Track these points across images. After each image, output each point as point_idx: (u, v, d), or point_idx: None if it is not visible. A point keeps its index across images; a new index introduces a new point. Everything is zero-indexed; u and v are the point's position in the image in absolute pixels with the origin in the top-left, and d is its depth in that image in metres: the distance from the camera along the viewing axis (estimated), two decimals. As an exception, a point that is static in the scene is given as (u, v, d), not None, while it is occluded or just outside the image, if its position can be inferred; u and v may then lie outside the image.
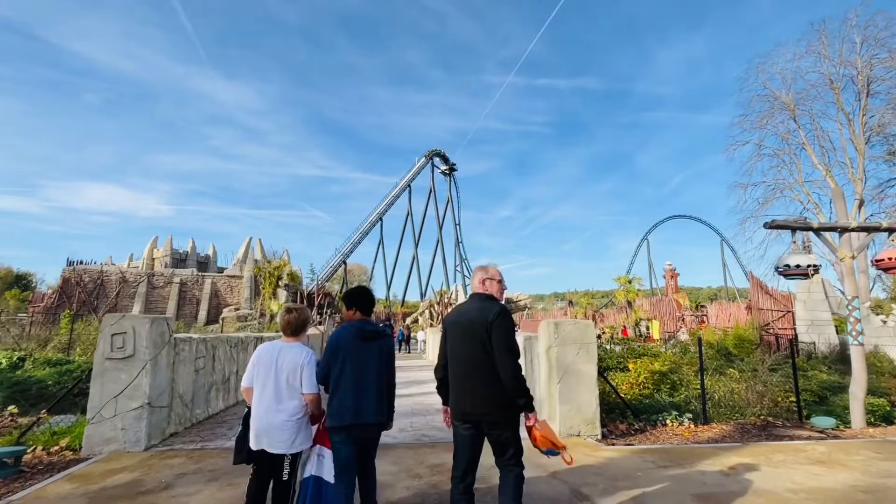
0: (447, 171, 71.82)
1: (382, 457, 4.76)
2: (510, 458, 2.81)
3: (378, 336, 3.13)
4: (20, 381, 8.45)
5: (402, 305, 64.63)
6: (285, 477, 2.98)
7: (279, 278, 26.08)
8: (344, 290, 56.90)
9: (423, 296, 61.65)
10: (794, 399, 8.05)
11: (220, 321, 28.75)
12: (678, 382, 9.38)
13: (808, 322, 23.04)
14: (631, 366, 10.67)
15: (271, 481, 3.05)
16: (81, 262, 31.85)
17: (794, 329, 24.97)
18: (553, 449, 2.78)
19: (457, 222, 71.38)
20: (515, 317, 38.82)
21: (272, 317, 27.19)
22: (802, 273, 7.07)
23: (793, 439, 6.29)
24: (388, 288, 65.76)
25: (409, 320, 46.88)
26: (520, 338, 7.51)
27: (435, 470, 4.68)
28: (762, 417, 7.53)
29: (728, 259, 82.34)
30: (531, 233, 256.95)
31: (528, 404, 2.74)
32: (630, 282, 32.27)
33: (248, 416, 3.05)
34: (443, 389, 3.08)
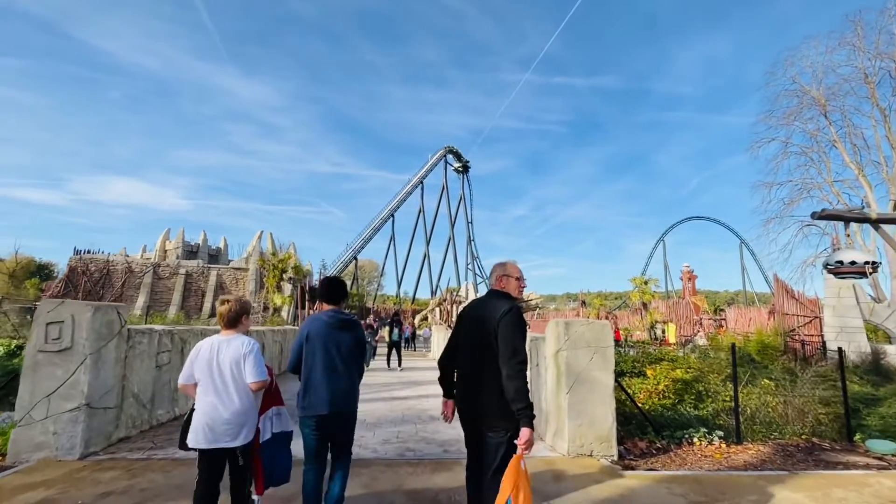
0: (460, 169, 71.00)
1: (354, 476, 3.93)
2: (496, 470, 2.49)
3: (350, 325, 3.16)
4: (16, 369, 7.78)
5: (413, 302, 64.16)
6: (241, 462, 2.94)
7: (283, 271, 25.49)
8: (353, 287, 58.00)
9: (433, 293, 61.03)
10: (831, 413, 7.04)
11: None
12: (704, 392, 8.38)
13: (838, 329, 21.67)
14: (649, 372, 9.69)
15: (220, 477, 2.93)
16: (89, 252, 31.70)
17: (822, 336, 23.62)
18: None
19: (469, 220, 70.53)
20: (526, 316, 37.77)
21: (276, 310, 26.69)
22: (858, 271, 6.05)
23: (848, 467, 5.29)
24: (399, 285, 65.42)
25: (417, 318, 46.16)
26: (528, 340, 6.62)
27: (413, 499, 3.80)
28: (805, 438, 6.51)
29: (747, 262, 79.96)
30: (545, 232, 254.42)
31: (525, 415, 2.43)
32: (646, 283, 31.01)
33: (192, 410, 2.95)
34: (444, 380, 2.96)
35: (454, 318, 32.64)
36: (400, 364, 14.08)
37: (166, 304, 30.79)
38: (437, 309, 41.78)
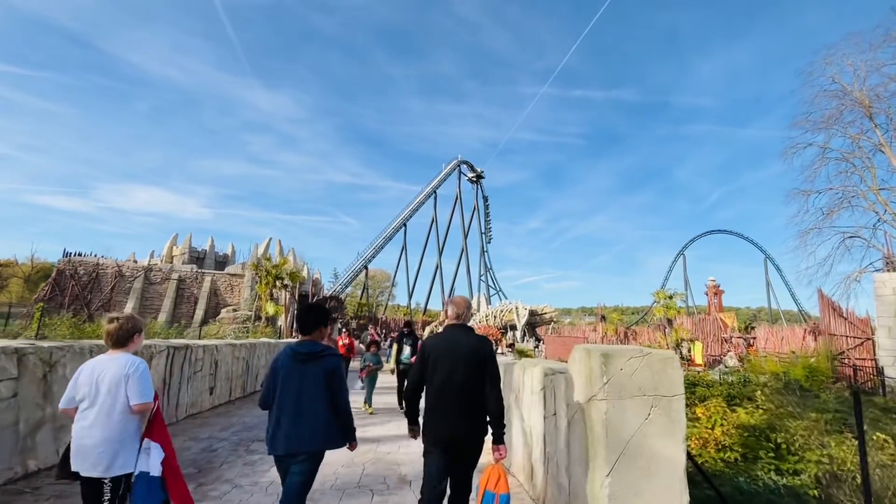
0: (474, 179, 69.51)
1: None
2: (466, 489, 3.09)
3: (316, 357, 3.01)
4: None
5: (424, 313, 62.37)
6: (105, 498, 2.63)
7: (277, 277, 23.70)
8: (363, 296, 56.61)
9: (445, 306, 58.76)
10: None
11: (217, 322, 26.67)
12: (784, 445, 6.13)
13: (895, 353, 19.09)
14: (699, 411, 7.44)
15: None
16: (79, 254, 30.40)
17: (875, 360, 20.94)
18: (506, 497, 2.94)
19: (483, 231, 68.79)
20: (539, 331, 35.44)
21: (269, 320, 24.84)
22: None
23: None
24: (410, 296, 63.79)
25: (427, 329, 44.08)
26: (537, 372, 4.53)
27: None
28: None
29: (772, 278, 76.41)
30: (560, 245, 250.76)
31: (503, 433, 3.05)
32: (671, 297, 28.50)
33: None
34: (413, 408, 3.26)
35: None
36: None
37: (157, 311, 29.24)
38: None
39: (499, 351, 24.18)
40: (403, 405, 7.78)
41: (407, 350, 9.06)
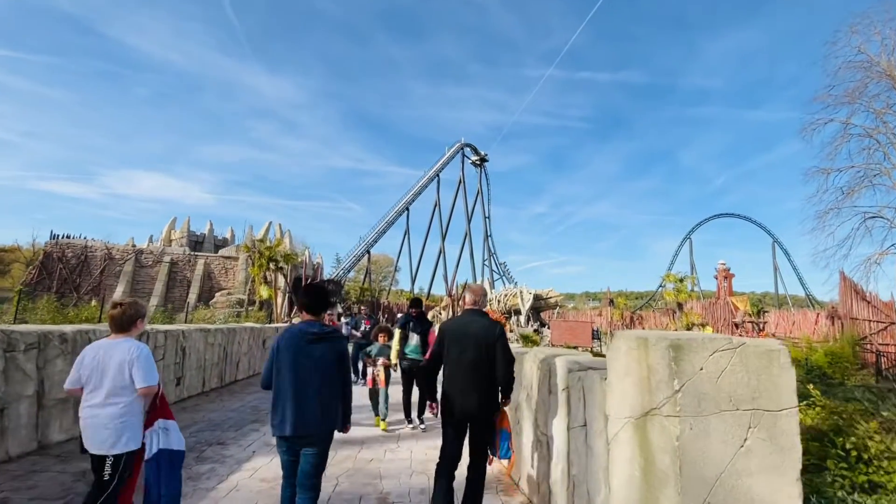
0: (478, 162, 68.08)
1: None
2: (482, 454, 3.37)
3: (324, 338, 2.96)
4: None
5: (428, 298, 61.72)
6: (105, 478, 2.79)
7: (271, 260, 22.62)
8: (365, 281, 55.76)
9: (448, 291, 58.35)
10: None
11: (210, 306, 25.69)
12: (855, 451, 5.03)
13: (924, 338, 18.01)
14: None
15: None
16: (67, 237, 29.36)
17: (901, 346, 19.84)
18: (506, 432, 3.56)
19: (486, 215, 67.67)
20: (544, 316, 34.43)
21: (262, 304, 23.83)
22: None
23: None
24: (413, 281, 63.00)
25: (430, 314, 43.17)
26: (558, 365, 3.43)
27: None
28: None
29: (780, 262, 75.11)
30: (565, 230, 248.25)
31: (510, 393, 3.52)
32: (681, 280, 27.36)
33: None
34: (432, 382, 3.64)
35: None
36: (422, 414, 6.75)
37: (148, 295, 28.26)
38: (450, 306, 38.71)
39: (502, 336, 23.12)
40: (412, 417, 6.70)
41: (415, 340, 6.57)
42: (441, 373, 3.51)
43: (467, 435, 3.35)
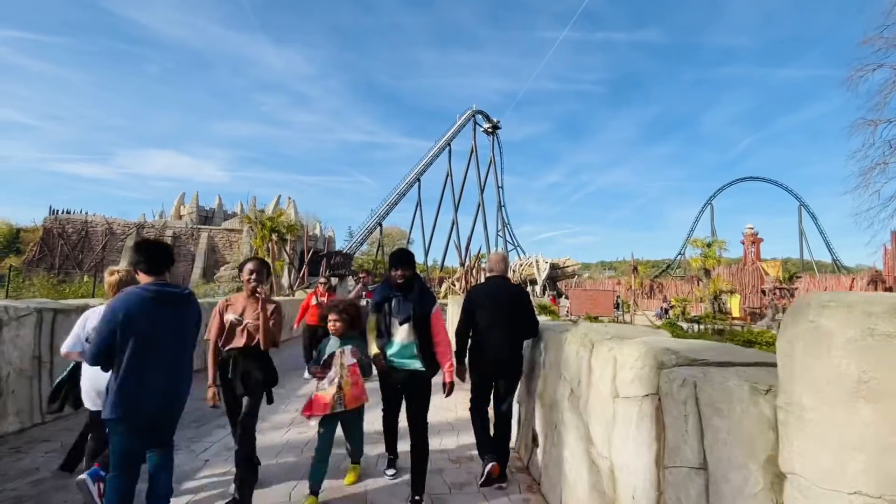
0: (490, 130, 65.81)
1: None
2: (509, 403, 3.75)
3: (187, 300, 2.63)
4: None
5: (441, 270, 60.87)
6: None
7: (273, 231, 21.50)
8: (378, 254, 54.88)
9: (462, 262, 57.36)
10: None
11: (215, 280, 24.93)
12: None
13: None
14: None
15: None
16: (68, 212, 28.53)
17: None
18: None
19: (499, 185, 65.92)
20: (561, 285, 33.09)
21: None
22: None
23: None
24: (427, 253, 62.09)
25: (444, 286, 42.17)
26: (628, 355, 2.03)
27: None
28: None
29: (806, 226, 72.22)
30: (579, 199, 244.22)
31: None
32: (709, 245, 25.62)
33: (75, 370, 3.33)
34: (464, 348, 3.72)
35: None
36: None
37: (152, 270, 27.61)
38: (464, 276, 37.50)
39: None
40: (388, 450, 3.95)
41: (403, 332, 3.28)
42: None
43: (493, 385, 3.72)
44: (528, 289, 29.55)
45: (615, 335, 2.58)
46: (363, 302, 8.39)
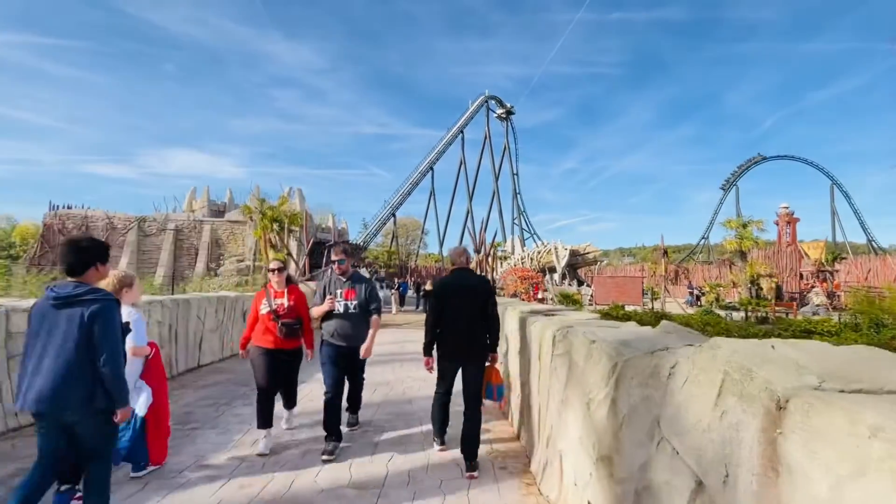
0: (504, 115, 63.83)
1: None
2: (476, 398, 3.77)
3: (75, 300, 2.43)
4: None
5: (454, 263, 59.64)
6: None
7: (275, 220, 20.23)
8: (392, 245, 53.66)
9: (477, 250, 55.65)
10: None
11: (220, 274, 23.90)
12: None
13: None
14: None
15: None
16: (68, 207, 27.73)
17: None
18: (501, 385, 4.01)
19: (514, 172, 63.92)
20: (581, 273, 31.28)
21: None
22: None
23: None
24: (442, 243, 60.66)
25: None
26: None
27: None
28: None
29: (839, 207, 68.74)
30: (596, 185, 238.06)
31: (496, 347, 3.93)
32: (745, 226, 23.56)
33: None
34: (433, 342, 3.85)
35: (497, 275, 26.85)
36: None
37: (155, 265, 26.61)
38: (478, 266, 36.00)
39: (538, 297, 20.24)
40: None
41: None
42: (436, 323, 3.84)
43: (460, 376, 3.82)
44: (547, 276, 27.86)
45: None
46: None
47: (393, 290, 21.98)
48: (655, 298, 25.08)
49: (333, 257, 4.16)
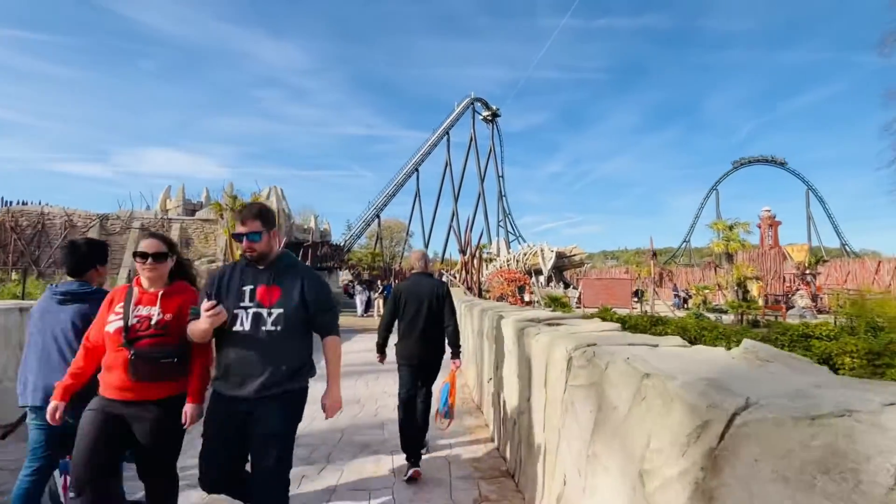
0: (490, 118, 63.25)
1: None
2: (428, 389, 3.95)
3: (78, 297, 2.55)
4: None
5: (442, 263, 58.87)
6: None
7: (246, 219, 18.96)
8: (377, 247, 52.45)
9: (462, 252, 54.89)
10: None
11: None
12: None
13: None
14: None
15: None
16: (23, 203, 25.90)
17: None
18: (449, 401, 3.91)
19: (500, 174, 63.35)
20: (567, 275, 30.69)
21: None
22: None
23: None
24: (427, 245, 59.71)
25: (444, 280, 39.79)
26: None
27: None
28: None
29: (815, 212, 70.12)
30: (581, 188, 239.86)
31: (458, 351, 3.93)
32: (731, 228, 23.18)
33: None
34: (385, 340, 3.98)
35: (481, 277, 26.03)
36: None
37: (118, 266, 25.01)
38: (463, 268, 35.13)
39: (525, 299, 19.46)
40: None
41: None
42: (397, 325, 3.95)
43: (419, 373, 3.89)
44: (533, 279, 27.11)
45: None
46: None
47: (377, 294, 20.91)
48: (644, 301, 24.54)
49: (240, 228, 2.23)
